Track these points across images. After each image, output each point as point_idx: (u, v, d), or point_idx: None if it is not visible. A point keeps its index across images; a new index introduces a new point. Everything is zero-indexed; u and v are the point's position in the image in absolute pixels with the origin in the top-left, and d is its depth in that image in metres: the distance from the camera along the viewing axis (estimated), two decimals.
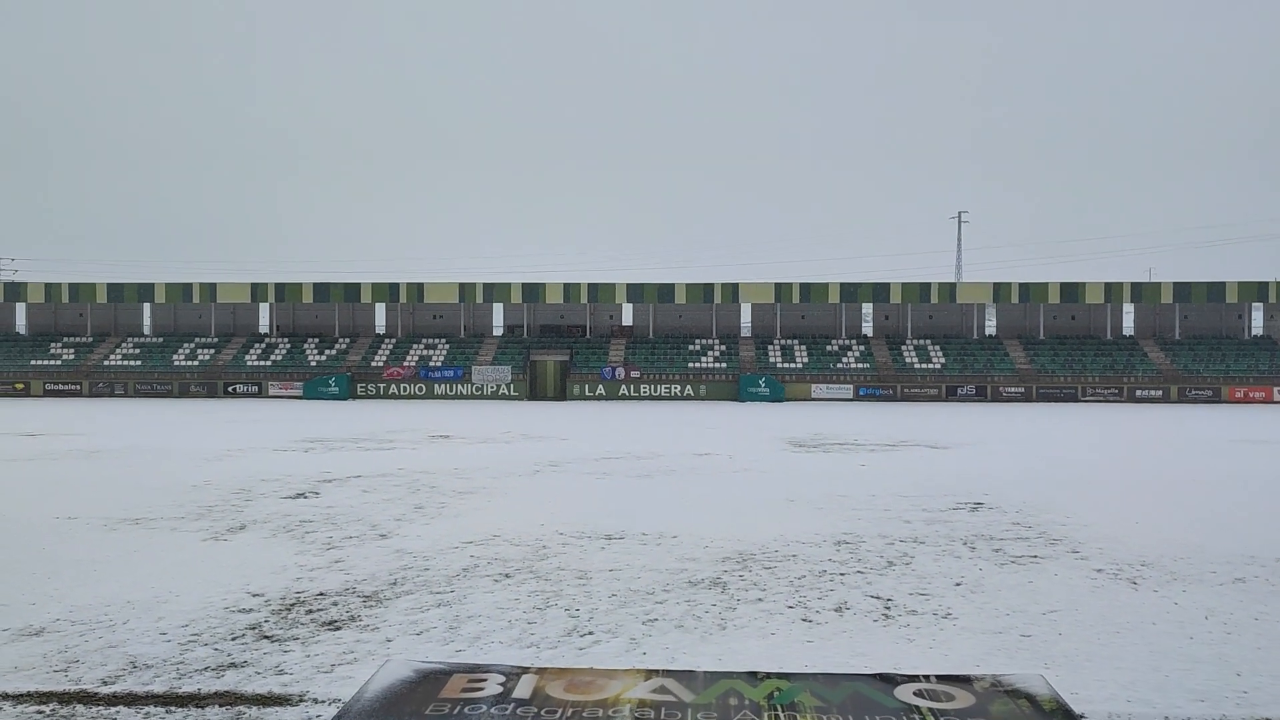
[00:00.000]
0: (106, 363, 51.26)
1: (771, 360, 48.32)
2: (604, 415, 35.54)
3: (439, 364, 49.44)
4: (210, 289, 51.66)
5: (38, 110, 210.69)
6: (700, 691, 3.52)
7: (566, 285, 49.74)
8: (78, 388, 50.24)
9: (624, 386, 47.16)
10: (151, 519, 12.54)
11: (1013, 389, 45.96)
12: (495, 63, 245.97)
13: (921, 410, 39.55)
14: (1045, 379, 46.22)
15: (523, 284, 49.99)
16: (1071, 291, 48.15)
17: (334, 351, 51.28)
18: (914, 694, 3.57)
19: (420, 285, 50.81)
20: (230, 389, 49.63)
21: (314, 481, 16.22)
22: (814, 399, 45.86)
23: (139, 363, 50.99)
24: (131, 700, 6.14)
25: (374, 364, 49.85)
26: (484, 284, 50.48)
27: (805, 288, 48.58)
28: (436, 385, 48.19)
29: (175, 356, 51.38)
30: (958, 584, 8.89)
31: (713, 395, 46.71)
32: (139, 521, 12.32)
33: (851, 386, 46.31)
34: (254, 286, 51.70)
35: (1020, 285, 48.18)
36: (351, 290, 51.06)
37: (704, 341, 50.42)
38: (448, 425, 29.74)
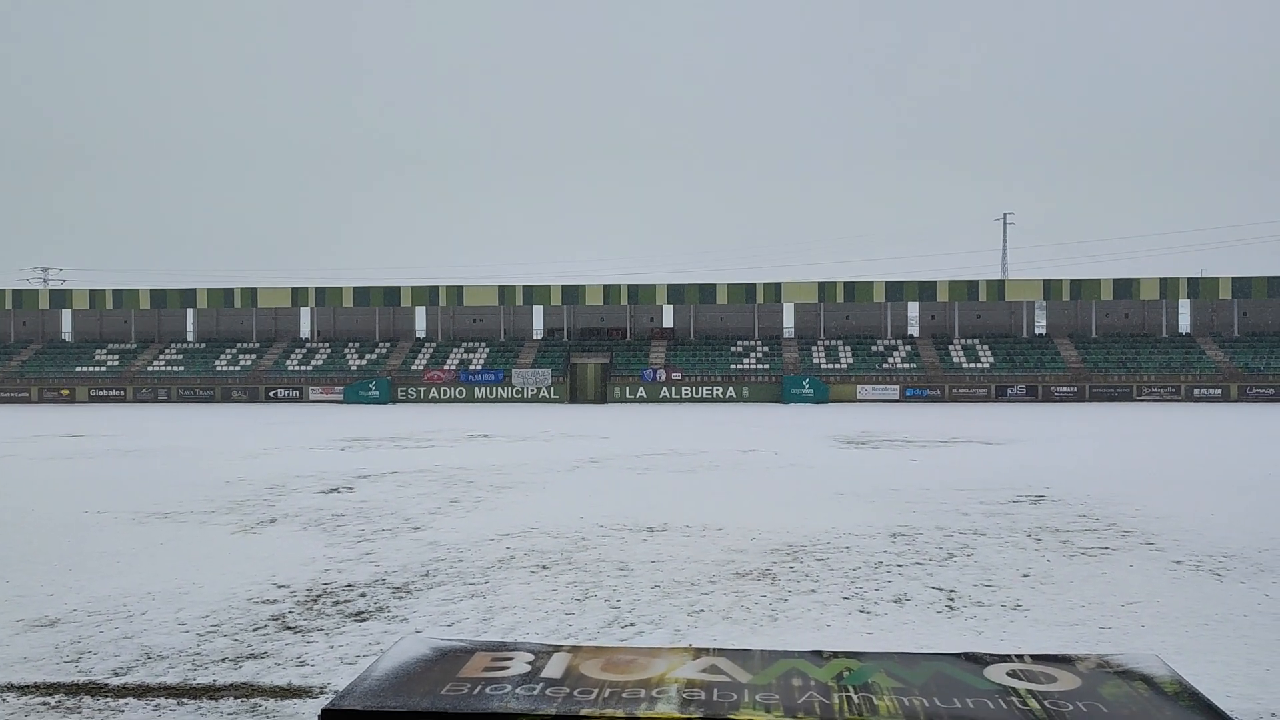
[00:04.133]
0: (150, 368, 51.69)
1: (815, 361, 47.56)
2: (645, 416, 35.07)
3: (479, 367, 49.26)
4: (251, 294, 51.91)
5: (74, 116, 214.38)
6: (758, 671, 3.00)
7: (607, 287, 49.33)
8: (122, 393, 50.70)
9: (665, 389, 46.64)
10: (181, 513, 12.25)
11: (1065, 388, 44.80)
12: (527, 65, 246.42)
13: (972, 410, 38.62)
14: (1099, 378, 45.01)
15: (562, 286, 49.66)
16: (1125, 288, 46.88)
17: (374, 356, 51.29)
18: (1007, 674, 3.01)
19: (460, 288, 50.68)
20: (272, 394, 49.82)
21: (349, 477, 15.90)
22: (860, 400, 45.05)
23: (182, 368, 51.35)
24: (142, 692, 5.74)
25: (414, 368, 49.77)
26: (524, 286, 50.23)
27: (850, 286, 47.76)
28: (477, 389, 47.99)
29: (218, 362, 51.69)
30: (1025, 575, 8.29)
31: (755, 397, 46.04)
32: (168, 516, 12.04)
33: (898, 387, 45.42)
34: (295, 291, 51.88)
35: (1072, 282, 46.98)
36: (391, 294, 51.05)
37: (746, 343, 49.77)
38: (487, 425, 29.45)
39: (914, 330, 52.60)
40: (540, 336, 53.63)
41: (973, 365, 46.33)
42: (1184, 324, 51.14)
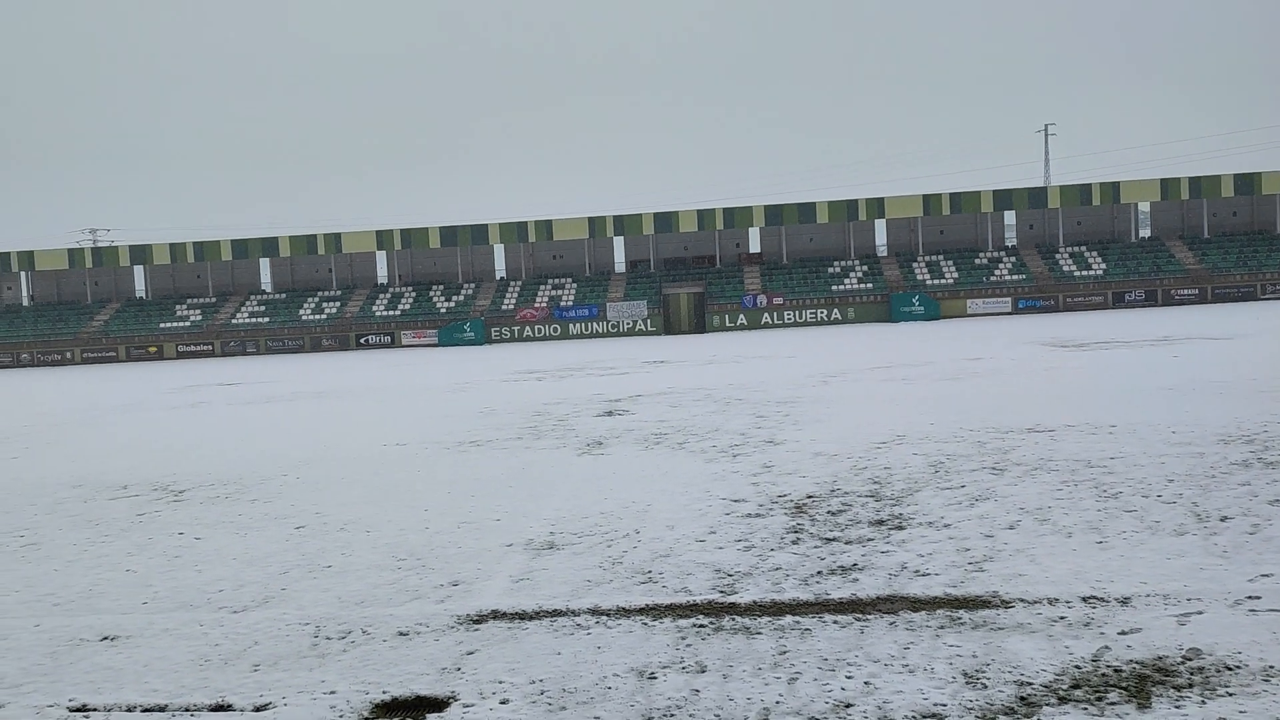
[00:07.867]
0: (235, 321, 51.10)
1: (919, 278, 46.20)
2: (782, 340, 33.73)
3: (570, 303, 48.31)
4: (335, 239, 51.02)
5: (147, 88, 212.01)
6: None
7: (700, 212, 47.97)
8: (210, 348, 50.14)
9: (766, 315, 45.53)
10: (489, 440, 11.42)
11: (1186, 291, 43.22)
12: None
13: (1112, 316, 36.97)
14: (1220, 278, 43.40)
15: (654, 214, 48.38)
16: (1246, 183, 44.96)
17: (461, 297, 50.42)
18: None
19: (549, 222, 49.51)
20: (363, 340, 49.14)
21: (605, 401, 15.00)
22: (970, 314, 43.76)
23: (267, 320, 50.72)
24: (771, 610, 4.89)
25: (504, 307, 48.90)
26: (614, 216, 49.01)
27: (955, 198, 46.09)
28: (571, 325, 47.09)
29: (301, 311, 51.00)
30: None
31: (862, 318, 44.84)
32: (479, 444, 11.20)
33: (1010, 299, 44.04)
34: (379, 234, 50.93)
35: (1190, 180, 45.11)
36: (479, 232, 49.97)
37: (843, 263, 48.43)
38: (643, 355, 28.10)
39: (1011, 240, 50.99)
40: (623, 270, 52.49)
41: (1085, 273, 44.78)
42: None
